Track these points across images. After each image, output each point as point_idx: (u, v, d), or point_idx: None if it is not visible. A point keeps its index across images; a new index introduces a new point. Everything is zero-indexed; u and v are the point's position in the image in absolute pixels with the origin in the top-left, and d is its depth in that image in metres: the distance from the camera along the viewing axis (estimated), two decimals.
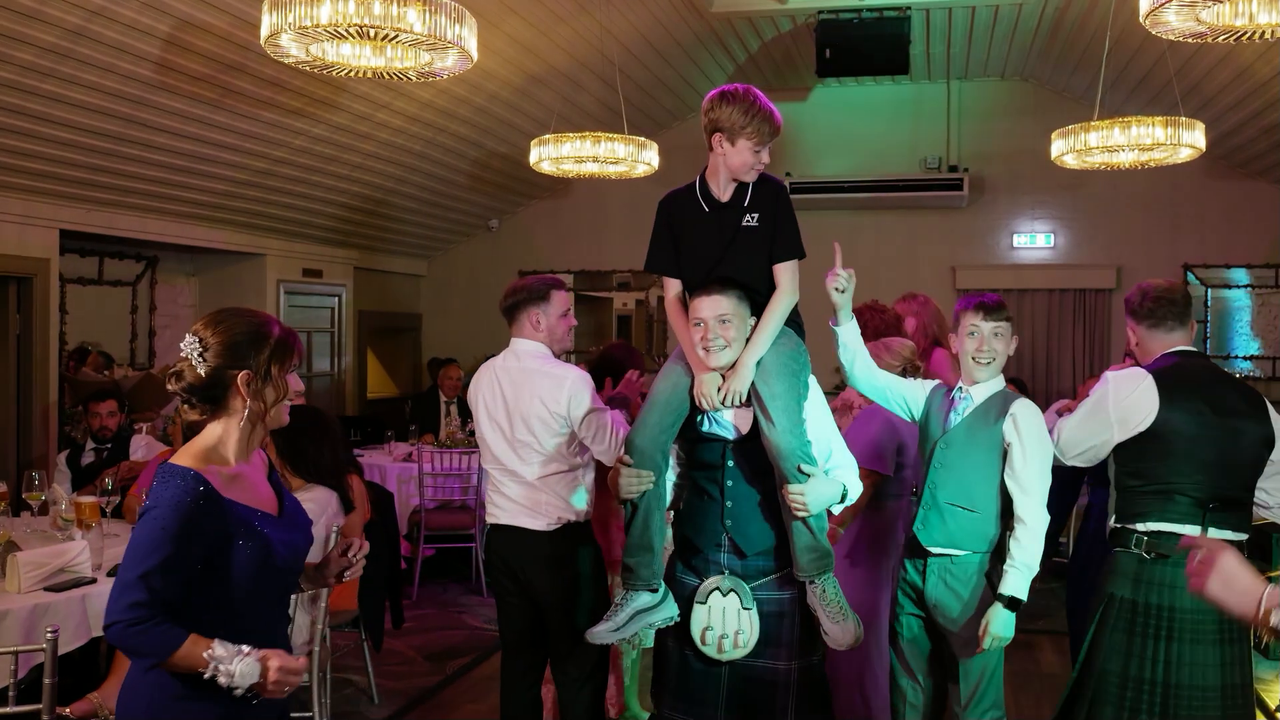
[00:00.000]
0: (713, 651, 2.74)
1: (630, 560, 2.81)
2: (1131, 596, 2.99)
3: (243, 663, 2.00)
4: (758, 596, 2.75)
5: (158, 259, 7.90)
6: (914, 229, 9.57)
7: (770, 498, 2.75)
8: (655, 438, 2.79)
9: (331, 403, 9.07)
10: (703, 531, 2.81)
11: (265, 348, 2.19)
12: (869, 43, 7.49)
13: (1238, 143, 8.38)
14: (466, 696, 5.00)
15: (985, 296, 3.29)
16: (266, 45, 4.17)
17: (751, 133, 2.76)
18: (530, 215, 10.55)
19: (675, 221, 2.94)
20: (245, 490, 2.20)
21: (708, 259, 2.85)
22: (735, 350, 2.74)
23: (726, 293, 2.74)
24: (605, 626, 2.80)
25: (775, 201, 2.86)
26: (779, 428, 2.67)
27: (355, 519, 4.41)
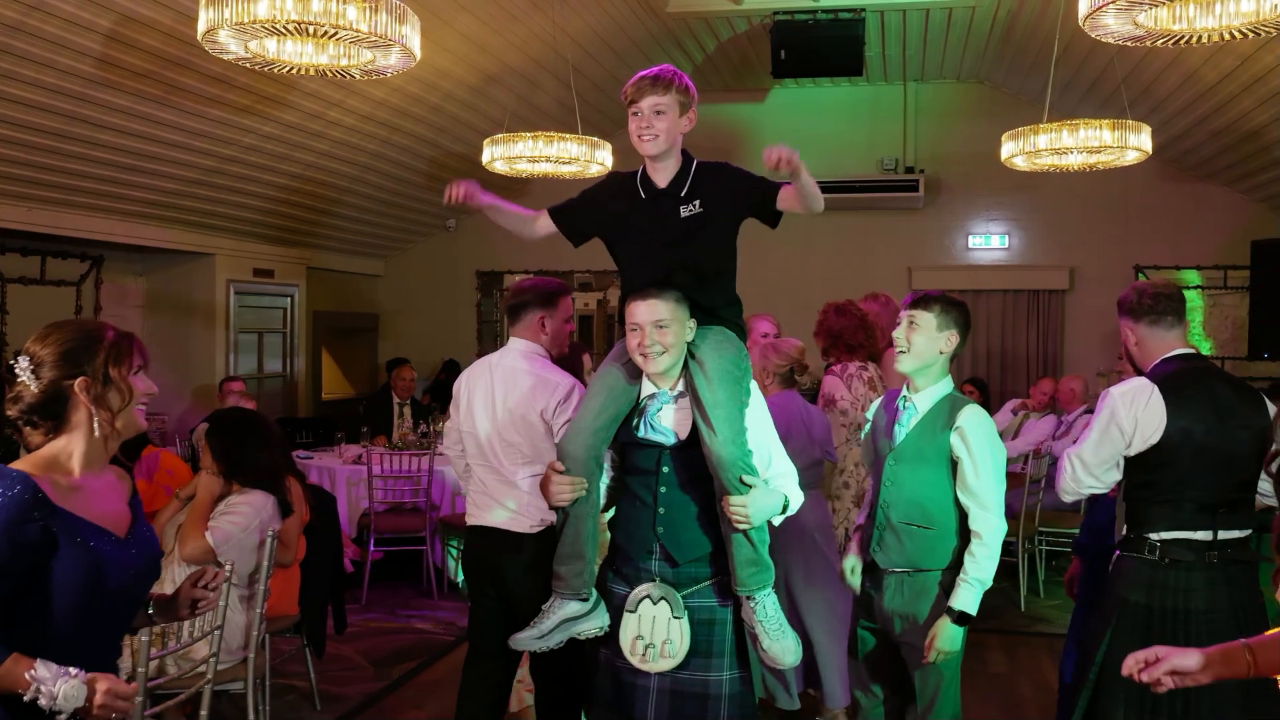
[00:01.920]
0: (640, 661, 2.66)
1: (560, 568, 2.75)
2: (1146, 602, 2.94)
3: (67, 684, 1.91)
4: (689, 605, 2.67)
5: (103, 258, 7.78)
6: (871, 230, 9.61)
7: (706, 505, 2.67)
8: (589, 443, 2.71)
9: (283, 404, 8.97)
10: (634, 539, 2.73)
11: (99, 351, 2.11)
12: (824, 44, 7.50)
13: (1187, 146, 8.47)
14: (411, 702, 4.94)
15: (923, 290, 3.18)
16: (204, 41, 4.10)
17: (631, 96, 2.74)
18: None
19: (611, 199, 2.88)
20: (86, 503, 2.09)
21: (648, 251, 2.78)
22: (674, 355, 2.65)
23: (664, 296, 2.64)
24: (530, 634, 2.73)
25: (722, 184, 2.77)
26: (720, 437, 2.58)
27: (293, 522, 4.35)
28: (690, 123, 2.78)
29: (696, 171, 2.79)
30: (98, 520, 2.11)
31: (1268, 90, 6.76)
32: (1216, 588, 2.92)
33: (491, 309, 10.67)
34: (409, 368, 8.44)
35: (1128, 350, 3.24)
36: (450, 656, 5.56)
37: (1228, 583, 2.94)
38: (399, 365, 8.50)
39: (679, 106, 2.74)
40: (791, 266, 9.41)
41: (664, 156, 2.77)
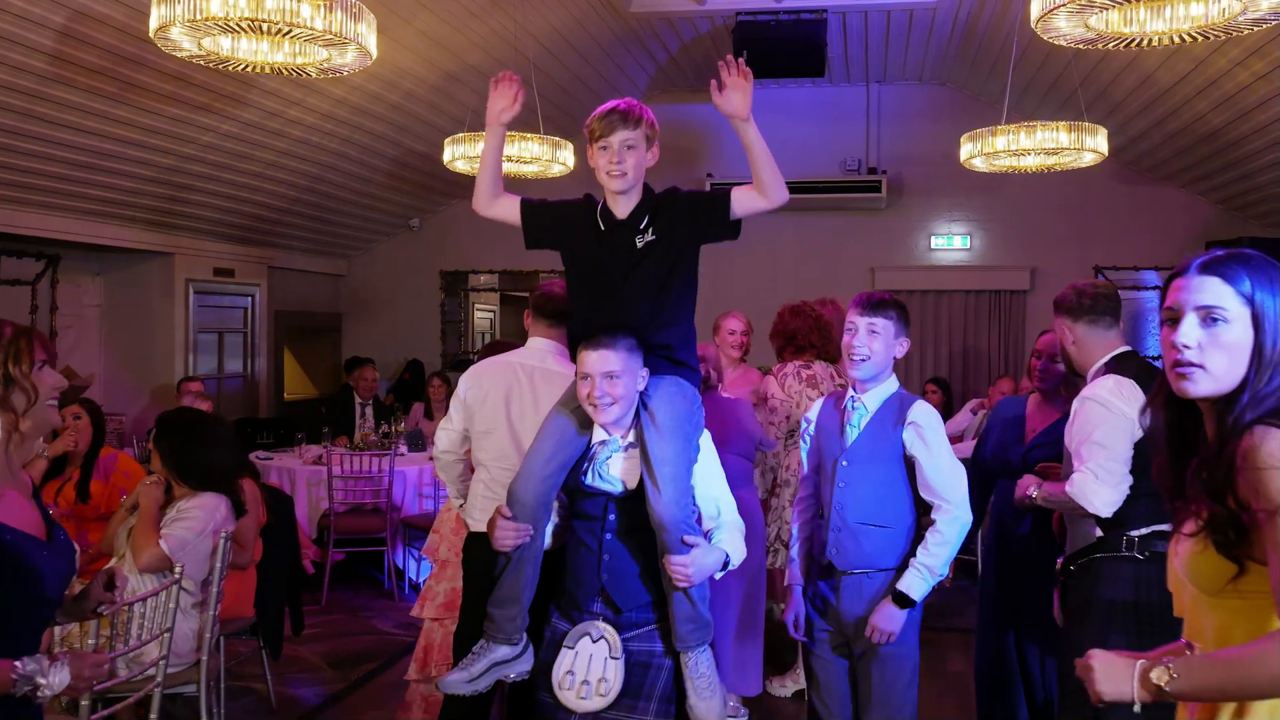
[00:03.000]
0: (571, 699, 2.63)
1: (495, 611, 2.73)
2: (1133, 599, 2.94)
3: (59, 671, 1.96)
4: (629, 647, 2.66)
5: (60, 257, 7.67)
6: (834, 230, 9.65)
7: (651, 553, 2.65)
8: (539, 489, 2.67)
9: (244, 405, 8.89)
10: (579, 583, 2.71)
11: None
12: (785, 45, 7.52)
13: (1145, 148, 8.57)
14: (370, 703, 4.92)
15: (873, 292, 3.15)
16: (156, 38, 4.05)
17: (599, 131, 2.70)
18: (452, 214, 10.45)
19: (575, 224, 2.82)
20: (9, 510, 2.07)
21: (603, 283, 2.74)
22: (624, 406, 2.60)
23: (615, 346, 2.59)
24: (460, 676, 2.70)
25: (674, 209, 2.73)
26: (665, 498, 2.56)
27: (248, 523, 4.32)
28: (654, 158, 2.76)
29: (655, 203, 2.75)
30: (22, 526, 2.08)
31: (1222, 93, 6.86)
32: None
33: (455, 309, 10.63)
34: (371, 368, 8.40)
35: (1064, 350, 3.26)
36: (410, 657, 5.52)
37: None
38: (360, 365, 8.44)
39: (646, 141, 2.72)
40: (754, 267, 9.44)
41: (632, 191, 2.74)
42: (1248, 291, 1.67)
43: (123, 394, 7.90)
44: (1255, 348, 1.66)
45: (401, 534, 6.81)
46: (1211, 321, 1.68)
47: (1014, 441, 3.75)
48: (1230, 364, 1.67)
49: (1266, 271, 1.68)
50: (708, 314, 6.70)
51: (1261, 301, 1.66)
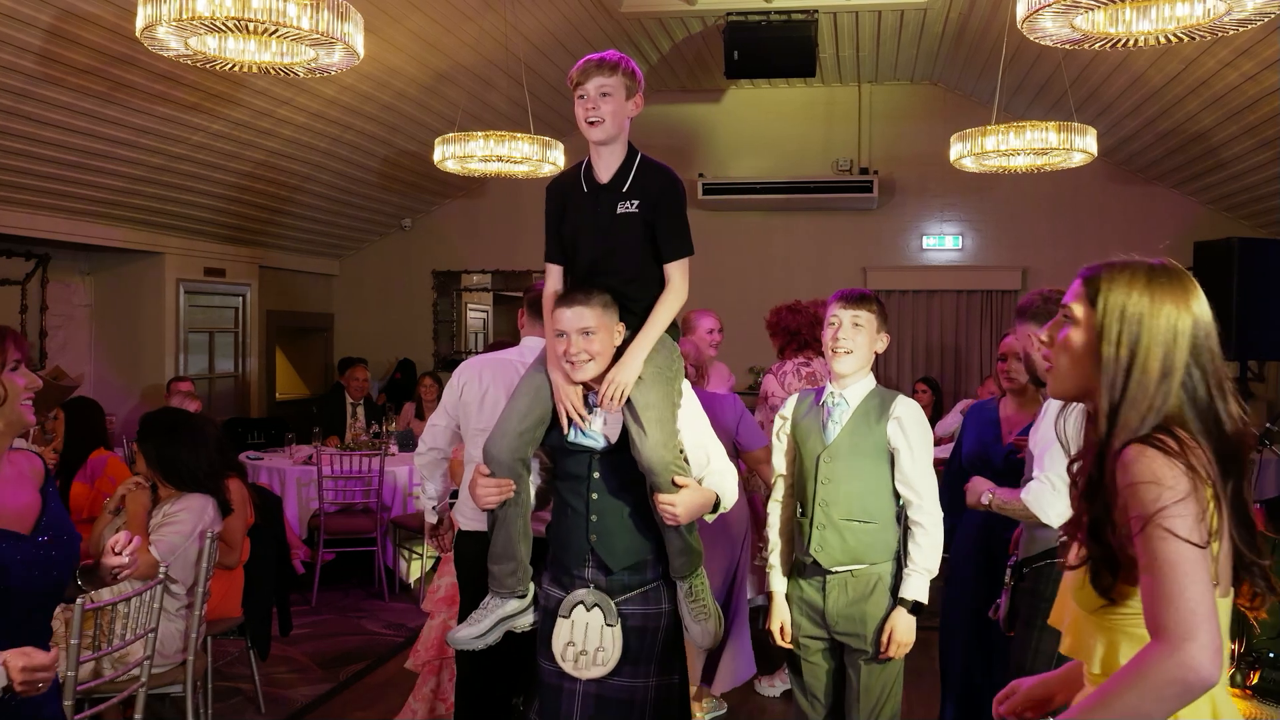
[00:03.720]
0: (571, 668, 2.65)
1: (495, 568, 2.74)
2: None
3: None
4: (623, 611, 2.66)
5: (49, 257, 7.66)
6: (826, 230, 9.66)
7: (639, 510, 2.66)
8: (514, 445, 2.69)
9: (235, 405, 8.88)
10: (568, 546, 2.72)
11: None
12: (776, 45, 7.53)
13: (1136, 148, 8.59)
14: (357, 704, 4.91)
15: (853, 288, 3.19)
16: (143, 37, 4.04)
17: (576, 79, 2.70)
18: (444, 214, 10.44)
19: (559, 204, 2.83)
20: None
21: (590, 243, 2.75)
22: (600, 363, 2.61)
23: (590, 303, 2.61)
24: (469, 632, 2.72)
25: (660, 193, 2.73)
26: (652, 440, 2.57)
27: (237, 524, 4.32)
28: (637, 107, 2.74)
29: (639, 166, 2.74)
30: None
31: (1212, 93, 6.87)
32: None
33: (448, 309, 10.62)
34: (362, 367, 8.39)
35: (1027, 355, 3.27)
36: (400, 657, 5.51)
37: None
38: (352, 365, 8.43)
39: (625, 90, 2.70)
40: (747, 267, 9.46)
41: (610, 142, 2.72)
42: (1097, 295, 1.65)
43: (112, 394, 7.87)
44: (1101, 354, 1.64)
45: (392, 534, 6.80)
46: (1064, 320, 1.70)
47: (993, 440, 3.76)
48: (1073, 366, 1.68)
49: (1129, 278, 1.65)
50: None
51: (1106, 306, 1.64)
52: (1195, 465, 1.54)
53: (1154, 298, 1.63)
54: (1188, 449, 1.56)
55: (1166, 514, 1.50)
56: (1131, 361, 1.61)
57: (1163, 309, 1.62)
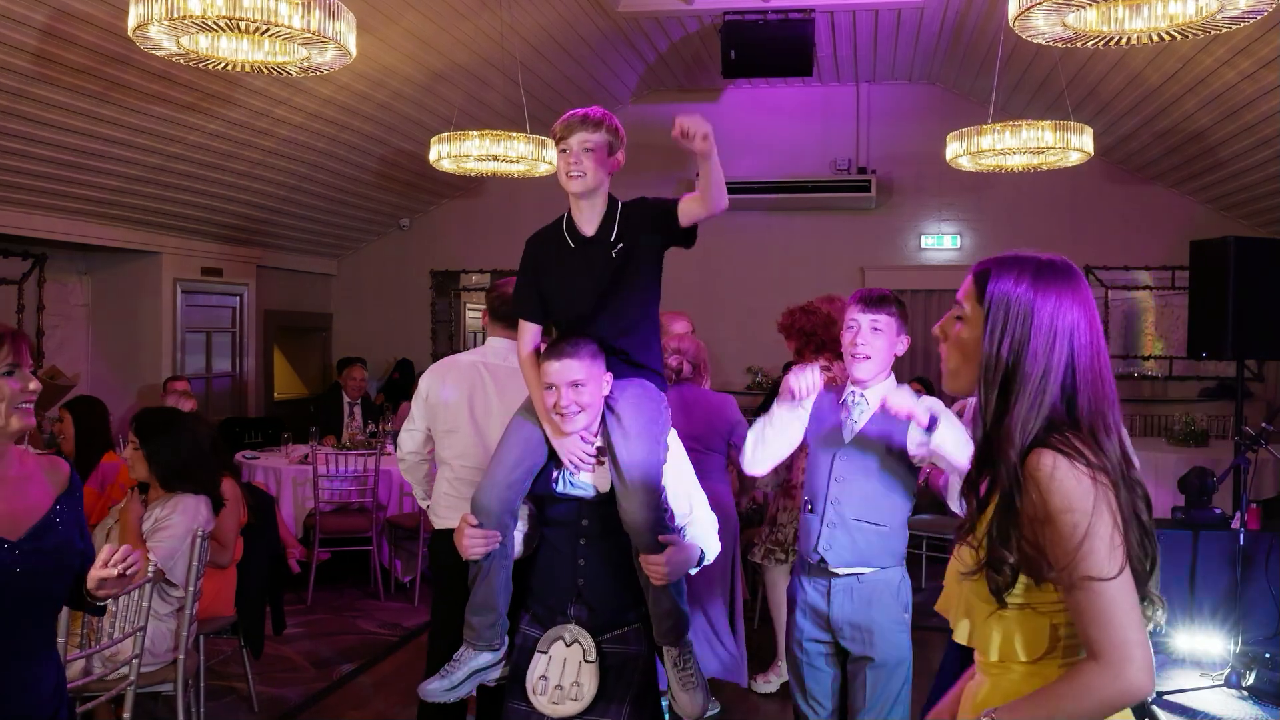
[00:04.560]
0: (545, 704, 2.61)
1: (473, 619, 2.71)
2: None
3: None
4: (605, 650, 2.64)
5: (46, 256, 7.66)
6: (824, 230, 9.65)
7: (627, 555, 2.65)
8: (504, 496, 2.66)
9: (232, 404, 8.88)
10: (554, 587, 2.70)
11: None
12: (773, 44, 7.52)
13: (1134, 147, 8.58)
14: (350, 703, 4.91)
15: (872, 289, 3.13)
16: (135, 36, 4.04)
17: (560, 133, 2.69)
18: (442, 214, 10.45)
19: (539, 262, 2.79)
20: None
21: (579, 298, 2.71)
22: (590, 415, 2.59)
23: (578, 354, 2.57)
24: (441, 684, 2.68)
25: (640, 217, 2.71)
26: (636, 501, 2.56)
27: (231, 523, 4.32)
28: (618, 164, 2.73)
29: (622, 213, 2.73)
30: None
31: (1210, 92, 6.86)
32: None
33: (446, 308, 10.62)
34: (359, 367, 8.38)
35: None
36: (394, 657, 5.53)
37: None
38: (350, 365, 8.43)
39: (608, 146, 2.69)
40: (744, 268, 9.45)
41: (590, 196, 2.71)
42: (988, 290, 1.64)
43: (110, 394, 7.85)
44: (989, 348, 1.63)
45: (387, 533, 6.80)
46: (956, 318, 1.70)
47: None
48: (964, 361, 1.68)
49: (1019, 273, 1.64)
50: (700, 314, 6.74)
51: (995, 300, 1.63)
52: (1094, 465, 1.54)
53: (1039, 293, 1.61)
54: (1087, 449, 1.55)
55: (1088, 547, 1.50)
56: (1014, 357, 1.60)
57: (1046, 305, 1.60)
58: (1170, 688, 5.05)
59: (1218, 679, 5.10)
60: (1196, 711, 4.84)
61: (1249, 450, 5.28)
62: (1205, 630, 5.44)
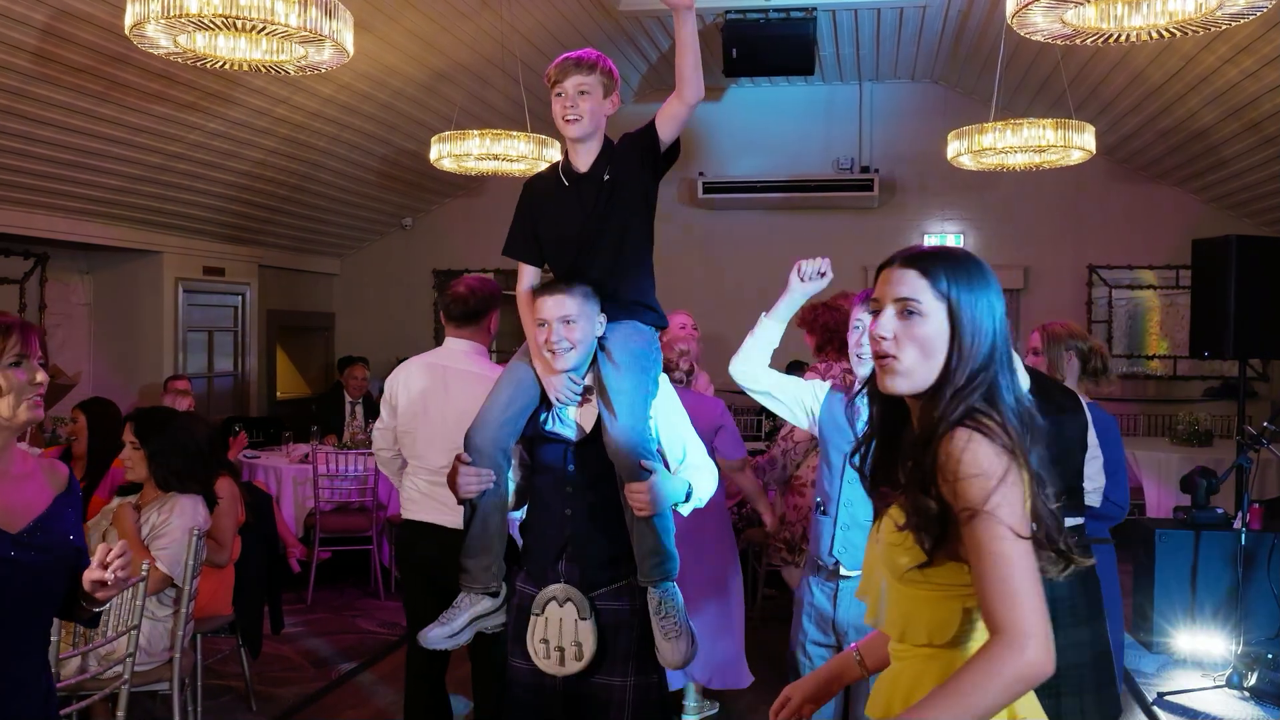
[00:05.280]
0: (550, 665, 2.62)
1: (468, 562, 2.72)
2: None
3: None
4: (597, 607, 2.63)
5: (48, 256, 7.67)
6: (827, 229, 9.61)
7: (614, 505, 2.63)
8: (496, 435, 2.68)
9: (234, 403, 8.89)
10: (543, 541, 2.71)
11: None
12: (775, 43, 7.51)
13: (1137, 146, 8.55)
14: (348, 702, 4.90)
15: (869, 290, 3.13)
16: (131, 35, 4.04)
17: (554, 77, 2.70)
18: (445, 213, 10.45)
19: (536, 202, 2.82)
20: None
21: (572, 234, 2.74)
22: (581, 351, 2.60)
23: (571, 291, 2.60)
24: (441, 631, 2.70)
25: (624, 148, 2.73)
26: (621, 423, 2.56)
27: (226, 521, 4.31)
28: (614, 106, 2.74)
29: (616, 151, 2.75)
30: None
31: (1212, 90, 6.83)
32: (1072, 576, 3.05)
33: None
34: (361, 366, 8.38)
35: None
36: (393, 656, 5.52)
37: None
38: (351, 364, 8.43)
39: (603, 88, 2.71)
40: (747, 267, 9.42)
41: (587, 139, 2.73)
42: (944, 288, 1.67)
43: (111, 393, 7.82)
44: (953, 345, 1.66)
45: (388, 533, 6.79)
46: (908, 314, 1.68)
47: None
48: (923, 357, 1.67)
49: (967, 269, 1.69)
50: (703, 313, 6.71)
51: (958, 298, 1.66)
52: (1013, 443, 1.59)
53: (985, 286, 1.69)
54: (1008, 429, 1.61)
55: (994, 505, 1.53)
56: (972, 349, 1.65)
57: (988, 296, 1.68)
58: (1172, 688, 5.03)
59: (1219, 679, 5.08)
60: (1198, 712, 4.81)
61: (1251, 450, 5.26)
62: (1207, 630, 5.42)
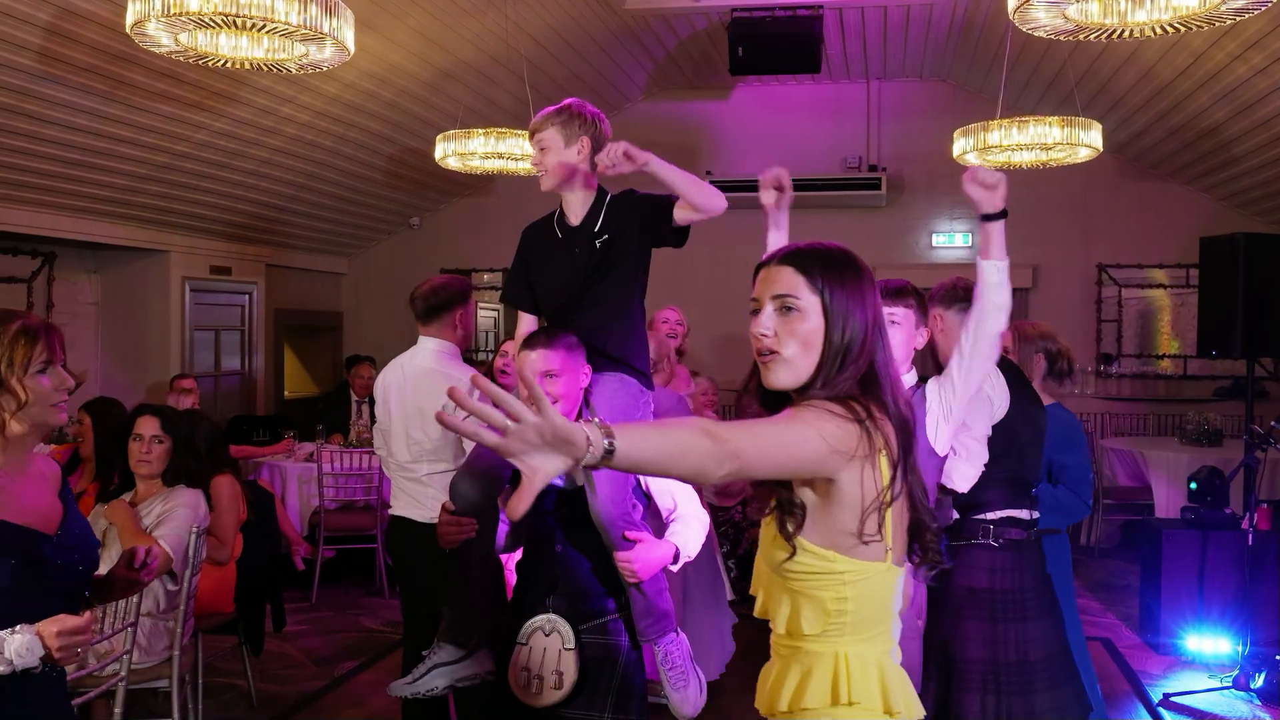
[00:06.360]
0: (527, 696, 2.60)
1: (448, 611, 2.72)
2: (987, 586, 3.02)
3: (15, 641, 1.94)
4: (585, 640, 2.63)
5: (55, 255, 7.69)
6: (834, 228, 9.52)
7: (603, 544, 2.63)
8: (479, 483, 2.65)
9: (241, 402, 8.90)
10: (534, 577, 2.71)
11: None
12: (781, 41, 7.48)
13: (1147, 143, 8.49)
14: (349, 701, 4.90)
15: (888, 281, 3.02)
16: (133, 33, 4.05)
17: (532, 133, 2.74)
18: (452, 213, 10.45)
19: (531, 251, 2.84)
20: (9, 504, 2.07)
21: (564, 287, 2.74)
22: (565, 407, 2.57)
23: (553, 345, 2.59)
24: (402, 680, 2.70)
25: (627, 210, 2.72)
26: (600, 495, 2.54)
27: (228, 519, 4.32)
28: (581, 154, 2.71)
29: (610, 205, 2.74)
30: (24, 520, 2.08)
31: (1222, 87, 6.78)
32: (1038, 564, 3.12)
33: None
34: (367, 365, 8.38)
35: (933, 338, 3.26)
36: (395, 655, 5.50)
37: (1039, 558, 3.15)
38: (358, 363, 8.44)
39: (563, 139, 2.71)
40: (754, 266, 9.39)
41: (566, 190, 2.74)
42: (818, 283, 1.72)
43: (119, 392, 7.86)
44: (826, 336, 1.71)
45: None
46: (786, 310, 1.73)
47: None
48: (804, 351, 1.71)
49: (841, 264, 1.75)
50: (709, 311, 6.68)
51: (831, 292, 1.71)
52: (871, 431, 1.63)
53: (858, 281, 1.75)
54: (874, 416, 1.65)
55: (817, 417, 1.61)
56: (849, 345, 1.70)
57: (860, 291, 1.74)
58: (1178, 689, 4.99)
59: (1226, 680, 5.04)
60: (1204, 713, 4.78)
61: (1259, 449, 5.21)
62: (1214, 631, 5.37)
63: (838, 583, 1.65)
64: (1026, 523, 3.11)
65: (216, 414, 7.40)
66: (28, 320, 2.15)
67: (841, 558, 1.65)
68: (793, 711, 1.70)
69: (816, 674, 1.68)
